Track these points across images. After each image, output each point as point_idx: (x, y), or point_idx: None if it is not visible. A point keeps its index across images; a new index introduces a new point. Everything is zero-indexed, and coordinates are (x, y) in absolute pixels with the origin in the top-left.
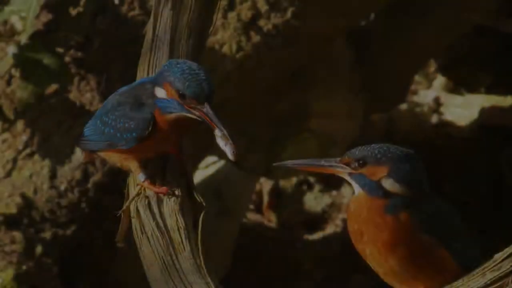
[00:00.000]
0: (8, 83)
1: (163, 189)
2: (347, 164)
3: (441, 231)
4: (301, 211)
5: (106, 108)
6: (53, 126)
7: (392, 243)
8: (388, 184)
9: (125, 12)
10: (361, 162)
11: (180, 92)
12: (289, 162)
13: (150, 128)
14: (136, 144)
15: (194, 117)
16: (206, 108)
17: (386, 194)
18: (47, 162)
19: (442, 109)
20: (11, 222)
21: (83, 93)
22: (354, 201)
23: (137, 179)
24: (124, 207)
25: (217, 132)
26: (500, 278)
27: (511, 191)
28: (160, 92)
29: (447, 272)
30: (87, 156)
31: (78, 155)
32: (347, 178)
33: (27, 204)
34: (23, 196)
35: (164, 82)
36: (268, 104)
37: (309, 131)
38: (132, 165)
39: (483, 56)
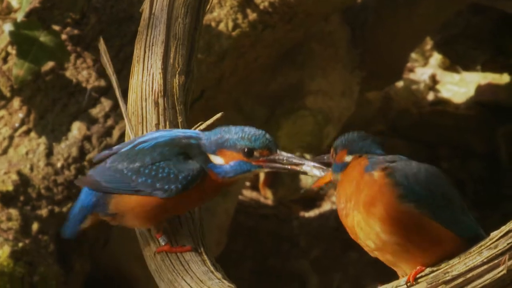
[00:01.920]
0: (5, 60)
1: (187, 248)
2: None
3: (429, 199)
4: (297, 188)
5: (134, 158)
6: (49, 104)
7: (370, 201)
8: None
9: None
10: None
11: (247, 150)
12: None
13: (198, 181)
14: (176, 195)
15: (266, 170)
16: (282, 155)
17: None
18: (43, 140)
19: (438, 86)
20: (7, 199)
21: (79, 70)
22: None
23: (158, 244)
24: None
25: (306, 168)
26: (497, 256)
27: (507, 167)
28: (216, 159)
29: (444, 243)
30: (93, 219)
31: (75, 132)
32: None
33: (24, 181)
34: (20, 173)
35: (219, 149)
36: (264, 81)
37: (305, 109)
38: (153, 224)
39: (479, 33)
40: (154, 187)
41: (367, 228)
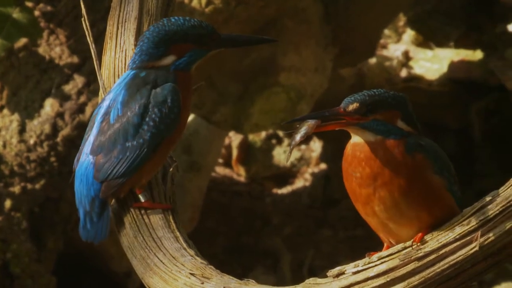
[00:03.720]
0: None
1: (167, 206)
2: (355, 112)
3: (447, 173)
4: (270, 165)
5: (123, 128)
6: (22, 81)
7: (410, 182)
8: (402, 126)
9: None
10: (370, 108)
11: (200, 36)
12: (299, 119)
13: (180, 95)
14: (178, 121)
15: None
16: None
17: (403, 135)
18: (16, 116)
19: (411, 63)
20: None
21: (52, 47)
22: (361, 146)
23: (139, 199)
24: None
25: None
26: (469, 233)
27: (480, 144)
28: (168, 59)
29: (451, 211)
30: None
31: (48, 109)
32: (354, 127)
33: None
34: None
35: (169, 47)
36: (237, 58)
37: (278, 85)
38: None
39: (452, 9)
40: (161, 132)
41: (390, 204)
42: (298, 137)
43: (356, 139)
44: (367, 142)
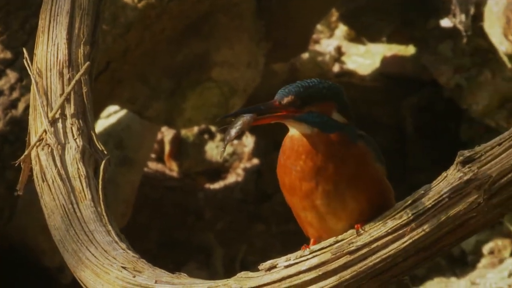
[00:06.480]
0: None
1: None
2: (290, 104)
3: (384, 161)
4: (203, 160)
5: None
6: None
7: (356, 172)
8: (338, 117)
9: None
10: (305, 100)
11: None
12: (233, 114)
13: None
14: None
15: None
16: None
17: (339, 127)
18: None
19: (343, 58)
20: None
21: None
22: (299, 140)
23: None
24: (24, 155)
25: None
26: (401, 227)
27: (413, 139)
28: None
29: (390, 198)
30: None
31: None
32: (289, 121)
33: None
34: None
35: None
36: (170, 53)
37: (211, 81)
38: None
39: (385, 5)
40: None
41: (334, 196)
42: (233, 132)
43: (293, 132)
44: (304, 135)
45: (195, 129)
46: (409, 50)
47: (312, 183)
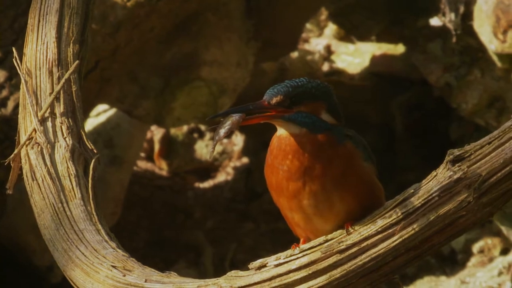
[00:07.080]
0: None
1: None
2: (279, 104)
3: (374, 159)
4: (192, 159)
5: None
6: None
7: (343, 172)
8: (327, 117)
9: None
10: (294, 100)
11: None
12: (222, 113)
13: None
14: None
15: None
16: None
17: (328, 128)
18: None
19: (333, 57)
20: None
21: None
22: (287, 140)
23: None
24: (13, 154)
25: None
26: (391, 226)
27: (403, 138)
28: None
29: (378, 206)
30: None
31: None
32: (278, 121)
33: None
34: None
35: None
36: (159, 52)
37: (200, 80)
38: None
39: (374, 4)
40: None
41: (321, 197)
42: (222, 132)
43: (281, 132)
44: (292, 135)
45: (185, 128)
46: (399, 49)
47: (299, 183)
